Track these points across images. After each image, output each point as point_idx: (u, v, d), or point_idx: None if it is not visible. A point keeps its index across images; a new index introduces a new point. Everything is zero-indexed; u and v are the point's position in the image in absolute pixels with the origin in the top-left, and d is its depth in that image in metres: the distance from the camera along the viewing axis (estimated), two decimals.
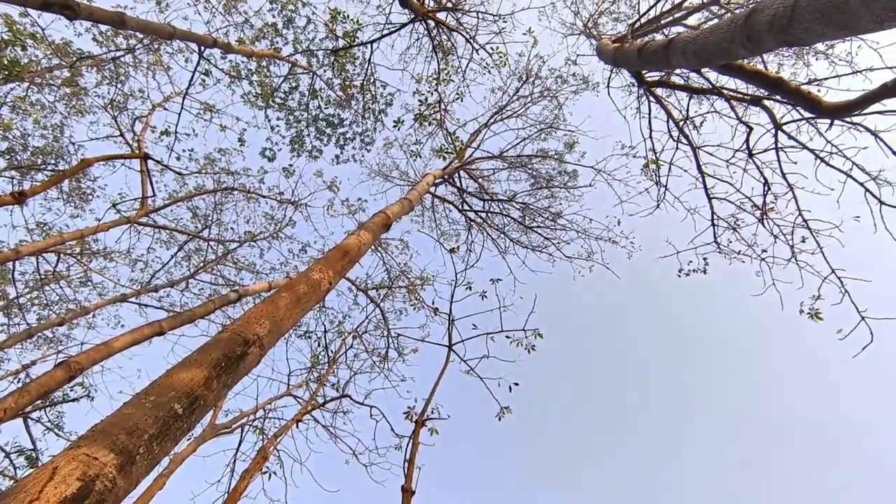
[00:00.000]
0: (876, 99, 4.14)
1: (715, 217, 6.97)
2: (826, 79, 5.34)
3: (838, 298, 5.61)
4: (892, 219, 5.00)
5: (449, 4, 7.31)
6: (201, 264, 10.53)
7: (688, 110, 6.52)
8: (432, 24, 7.24)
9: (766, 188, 6.22)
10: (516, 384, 6.29)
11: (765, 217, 6.51)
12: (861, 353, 5.07)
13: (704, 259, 7.51)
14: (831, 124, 4.99)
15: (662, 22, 7.29)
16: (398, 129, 8.31)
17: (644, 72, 6.36)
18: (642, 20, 7.09)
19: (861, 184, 5.30)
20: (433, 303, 8.42)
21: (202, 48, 6.70)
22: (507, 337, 6.70)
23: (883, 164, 5.25)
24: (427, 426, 5.80)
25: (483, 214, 10.50)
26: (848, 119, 4.91)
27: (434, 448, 5.92)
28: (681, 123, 6.63)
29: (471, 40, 7.52)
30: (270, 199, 10.82)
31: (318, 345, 9.13)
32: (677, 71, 6.45)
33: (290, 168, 9.88)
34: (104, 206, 10.76)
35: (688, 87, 6.10)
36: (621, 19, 9.06)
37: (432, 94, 8.08)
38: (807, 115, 5.12)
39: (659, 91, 6.78)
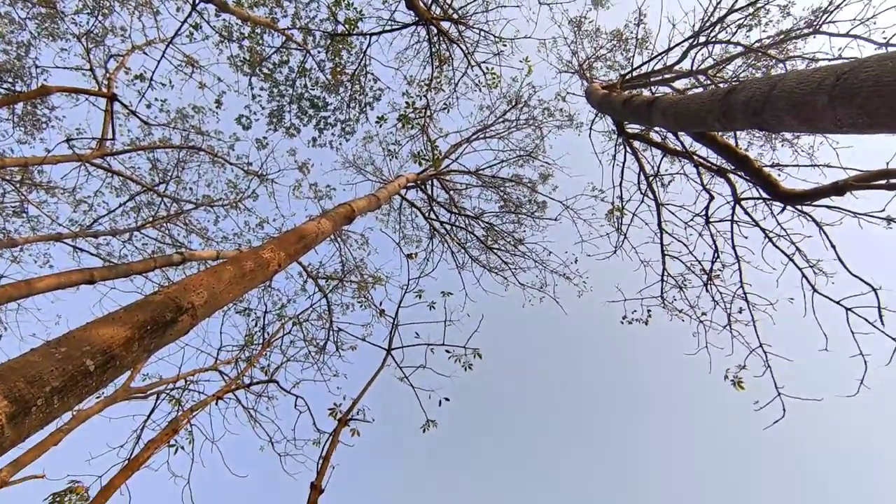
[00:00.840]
0: (826, 194, 4.44)
1: (665, 273, 7.24)
2: (787, 165, 5.67)
3: (761, 371, 5.92)
4: (822, 308, 5.34)
5: (455, 16, 7.37)
6: (150, 219, 10.07)
7: (659, 167, 6.79)
8: (434, 31, 7.27)
9: (716, 256, 6.52)
10: (447, 399, 6.30)
11: (710, 282, 6.81)
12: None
13: (648, 311, 7.77)
14: (784, 208, 5.30)
15: (652, 79, 7.59)
16: (380, 126, 8.26)
17: (626, 123, 6.59)
18: (633, 73, 7.35)
19: (800, 269, 5.65)
20: (381, 304, 8.34)
21: (197, 0, 6.48)
22: (447, 351, 6.71)
23: (822, 255, 5.62)
24: (350, 426, 5.72)
25: (448, 226, 10.53)
26: (799, 206, 5.23)
27: (354, 449, 5.83)
28: (650, 178, 6.90)
29: (469, 55, 7.59)
30: (237, 167, 10.51)
31: (256, 324, 8.86)
32: (656, 128, 6.71)
33: (263, 140, 9.64)
34: (57, 138, 10.14)
35: (663, 146, 6.35)
36: (615, 68, 9.38)
37: (421, 98, 8.08)
38: (764, 195, 5.42)
39: (636, 144, 7.03)
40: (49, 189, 9.84)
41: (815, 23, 6.89)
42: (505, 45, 7.77)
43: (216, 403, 6.86)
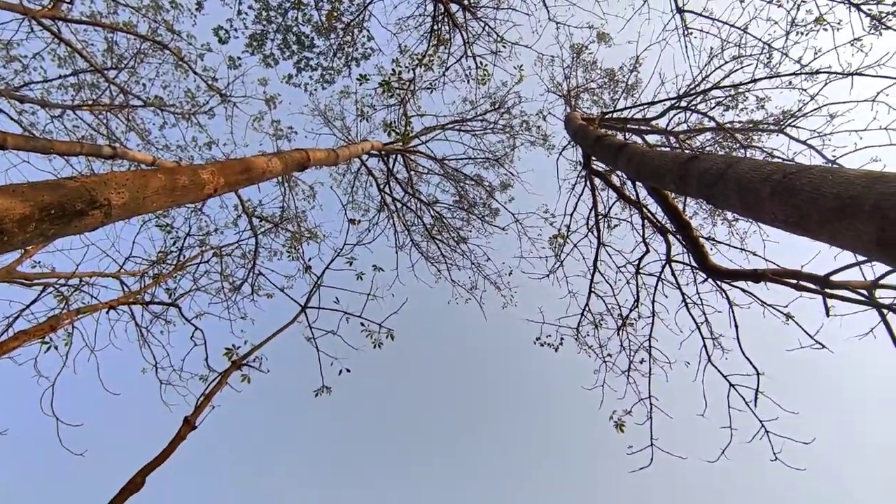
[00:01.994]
0: (745, 278, 4.79)
1: (587, 309, 7.56)
2: (720, 242, 6.08)
3: (643, 420, 6.33)
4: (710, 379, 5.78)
5: (466, 2, 7.28)
6: (90, 101, 9.26)
7: (610, 209, 7.06)
8: (442, 9, 7.15)
9: (636, 305, 6.88)
10: (348, 370, 6.27)
11: (623, 328, 7.17)
12: None
13: (562, 339, 8.07)
14: (705, 280, 5.66)
15: (628, 126, 7.87)
16: (360, 85, 8.04)
17: (593, 158, 6.79)
18: (614, 114, 7.59)
19: (703, 338, 6.07)
20: (310, 260, 8.15)
21: None
22: (362, 325, 6.66)
23: (724, 332, 6.09)
24: (243, 372, 5.56)
25: (399, 204, 10.45)
26: (719, 282, 5.61)
27: (240, 407, 5.66)
28: (600, 217, 7.16)
29: (468, 44, 7.54)
30: (201, 79, 9.85)
31: (174, 244, 8.39)
32: (618, 172, 6.96)
33: (237, 60, 9.09)
34: None
35: (619, 191, 6.60)
36: (599, 104, 9.62)
37: (409, 71, 7.94)
38: (693, 263, 5.77)
39: (596, 181, 7.26)
40: None
41: (781, 122, 7.40)
42: (504, 47, 7.79)
43: (107, 312, 6.45)
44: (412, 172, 10.51)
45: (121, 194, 2.78)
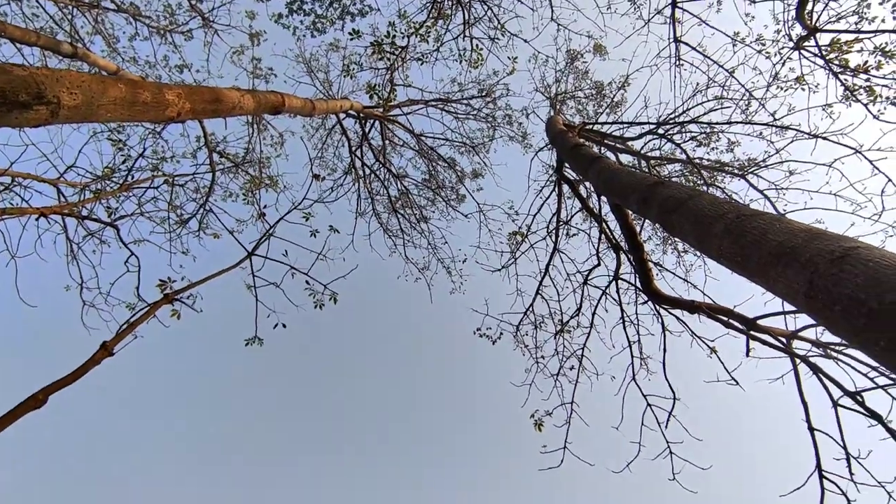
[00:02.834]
0: (682, 306, 5.02)
1: (530, 309, 7.72)
2: (665, 269, 6.31)
3: (562, 423, 6.57)
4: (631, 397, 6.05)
5: None
6: None
7: (571, 217, 7.20)
8: None
9: (577, 313, 7.09)
10: (284, 325, 6.17)
11: (560, 334, 7.38)
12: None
13: (501, 333, 8.22)
14: (645, 302, 5.89)
15: (605, 141, 8.01)
16: (351, 40, 7.78)
17: (566, 165, 6.89)
18: (594, 127, 7.71)
19: (633, 356, 6.34)
20: (264, 207, 7.90)
21: None
22: (307, 283, 6.54)
23: (653, 353, 6.37)
24: (174, 307, 5.35)
25: (367, 170, 10.27)
26: (657, 306, 5.85)
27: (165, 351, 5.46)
28: (560, 223, 7.30)
29: (468, 24, 7.44)
30: None
31: (124, 162, 7.92)
32: (587, 183, 7.09)
33: None
34: None
35: (584, 201, 6.75)
36: (582, 113, 9.74)
37: (404, 38, 7.75)
38: (638, 284, 5.99)
39: (565, 188, 7.38)
40: None
41: (745, 168, 7.73)
42: (503, 36, 7.72)
43: (37, 219, 6.05)
44: (387, 141, 10.34)
45: (73, 95, 2.59)
